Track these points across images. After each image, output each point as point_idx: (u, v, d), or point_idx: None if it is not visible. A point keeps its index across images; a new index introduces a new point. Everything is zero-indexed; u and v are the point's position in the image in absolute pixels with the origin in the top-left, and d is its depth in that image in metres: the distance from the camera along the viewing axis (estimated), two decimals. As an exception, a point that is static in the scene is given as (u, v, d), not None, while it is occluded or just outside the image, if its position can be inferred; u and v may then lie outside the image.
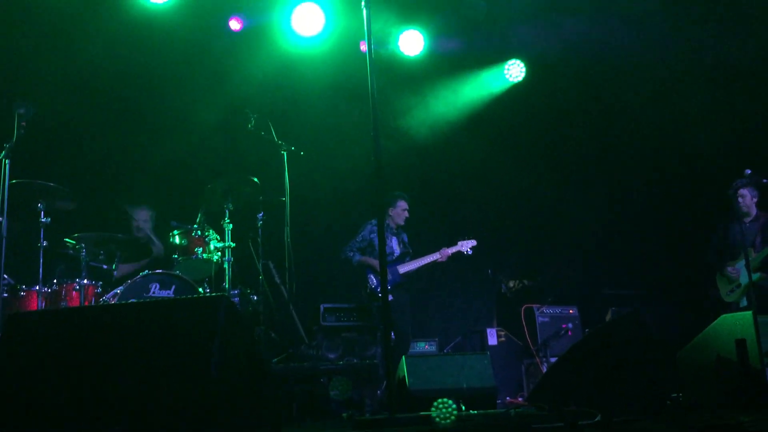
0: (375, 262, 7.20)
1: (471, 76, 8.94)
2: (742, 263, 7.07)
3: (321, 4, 7.72)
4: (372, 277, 7.24)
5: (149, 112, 7.83)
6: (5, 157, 5.50)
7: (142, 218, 7.18)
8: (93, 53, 7.15)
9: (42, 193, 5.88)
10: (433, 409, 3.60)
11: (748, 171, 6.70)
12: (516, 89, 8.98)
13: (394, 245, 7.53)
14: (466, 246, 7.62)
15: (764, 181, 6.82)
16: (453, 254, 7.57)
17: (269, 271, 7.04)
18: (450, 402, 3.56)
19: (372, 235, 7.32)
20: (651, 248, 8.69)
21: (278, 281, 7.14)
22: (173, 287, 6.23)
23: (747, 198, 7.25)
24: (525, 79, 8.94)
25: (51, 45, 7.15)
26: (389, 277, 7.24)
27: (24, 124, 5.60)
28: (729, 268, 7.24)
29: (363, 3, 4.55)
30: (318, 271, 8.00)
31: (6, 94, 6.52)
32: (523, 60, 8.92)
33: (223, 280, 6.49)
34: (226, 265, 6.48)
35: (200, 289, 6.41)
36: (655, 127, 8.59)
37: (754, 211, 7.29)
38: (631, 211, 8.88)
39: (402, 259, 7.51)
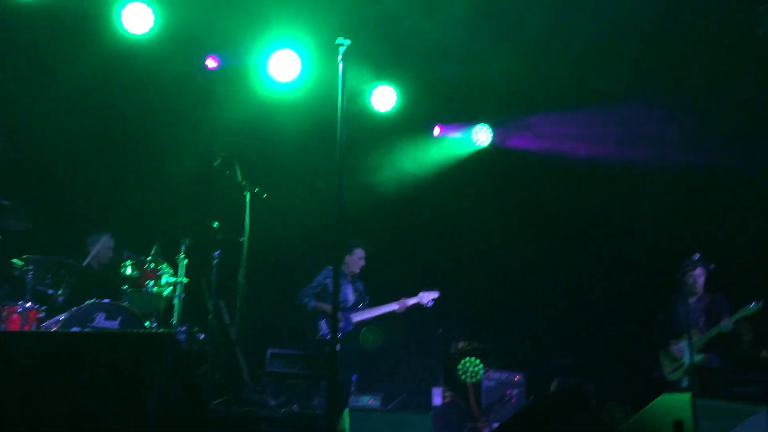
0: (329, 308, 7.17)
1: (439, 137, 9.12)
2: (685, 343, 7.13)
3: (298, 51, 7.83)
4: (323, 323, 7.17)
5: (117, 141, 7.79)
6: (-39, 171, 5.42)
7: (105, 246, 7.07)
8: (66, 78, 7.15)
9: (-6, 211, 5.77)
10: (459, 367, 3.57)
11: (698, 255, 6.96)
12: (482, 152, 9.17)
13: (349, 293, 7.49)
14: (427, 297, 7.50)
15: (712, 266, 7.08)
16: (412, 305, 7.48)
17: (220, 310, 6.95)
18: (476, 360, 3.55)
19: (327, 281, 7.29)
20: (602, 321, 8.82)
21: (228, 322, 7.04)
22: (119, 318, 6.09)
23: (698, 278, 7.43)
24: (491, 144, 9.13)
25: (25, 66, 7.13)
26: (342, 324, 7.21)
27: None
28: (673, 347, 7.35)
29: (339, 56, 4.64)
30: (270, 315, 7.92)
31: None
32: (490, 126, 9.13)
33: (172, 316, 6.39)
34: (176, 301, 6.40)
35: (147, 323, 6.29)
36: (609, 205, 8.85)
37: (700, 291, 7.46)
38: (585, 284, 9.01)
39: (356, 307, 7.48)
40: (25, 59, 7.18)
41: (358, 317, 7.37)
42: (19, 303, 5.93)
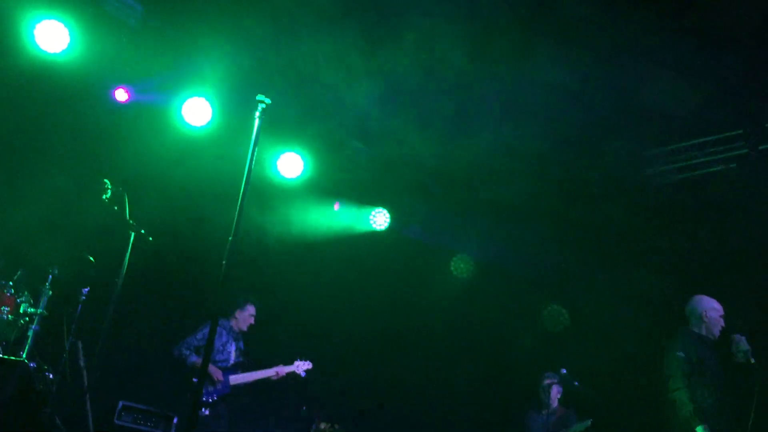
0: (213, 370, 6.88)
1: (340, 211, 9.18)
2: None
3: (210, 99, 7.75)
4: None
5: (7, 156, 7.35)
6: None
7: None
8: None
9: None
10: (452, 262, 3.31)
11: (564, 370, 7.29)
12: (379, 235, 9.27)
13: (232, 352, 7.18)
14: (301, 367, 7.39)
15: (575, 383, 7.40)
16: (288, 374, 7.31)
17: (76, 351, 6.49)
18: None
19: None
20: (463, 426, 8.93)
21: (82, 364, 6.57)
22: (-39, 345, 5.60)
23: (554, 392, 7.71)
24: (388, 228, 9.26)
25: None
26: (219, 387, 6.89)
27: None
28: None
29: (257, 113, 4.62)
30: (131, 364, 7.47)
31: None
32: (390, 211, 9.28)
33: (22, 349, 5.92)
34: (30, 333, 5.95)
35: (-8, 352, 5.79)
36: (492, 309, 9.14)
37: (555, 404, 7.74)
38: (454, 382, 9.10)
39: (236, 368, 7.15)
40: None
41: (235, 380, 7.06)
42: None
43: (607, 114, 7.49)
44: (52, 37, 7.00)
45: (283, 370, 7.31)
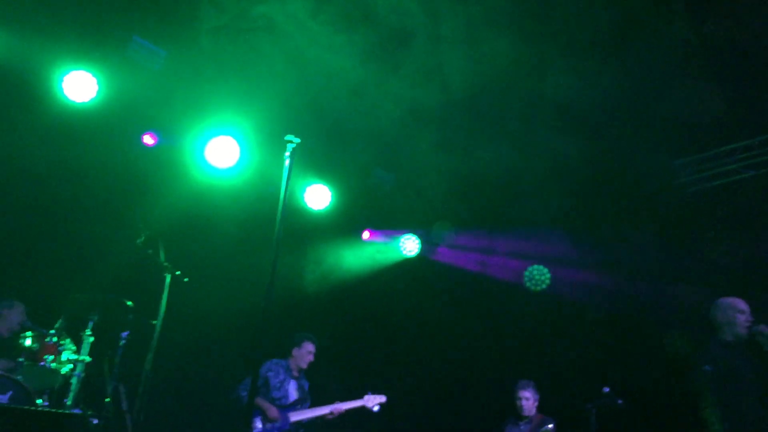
0: (267, 406, 6.91)
1: (369, 241, 9.20)
2: None
3: (238, 139, 7.85)
4: (258, 420, 6.82)
5: (41, 207, 7.50)
6: None
7: (18, 313, 6.67)
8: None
9: None
10: (526, 273, 3.41)
11: (607, 389, 7.15)
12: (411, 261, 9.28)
13: (291, 390, 7.16)
14: (373, 401, 7.23)
15: (619, 402, 7.27)
16: (351, 409, 7.16)
17: (119, 395, 6.54)
18: (544, 269, 3.41)
19: (269, 374, 7.02)
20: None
21: (126, 408, 6.62)
22: (9, 393, 5.67)
23: (530, 401, 7.60)
24: (419, 254, 9.27)
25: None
26: (278, 424, 6.90)
27: None
28: None
29: (287, 153, 4.67)
30: (173, 406, 7.51)
31: None
32: (418, 237, 9.29)
33: (67, 396, 5.98)
34: (74, 380, 6.01)
35: (39, 401, 5.86)
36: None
37: (532, 413, 7.62)
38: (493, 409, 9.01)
39: (296, 405, 7.13)
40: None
41: (296, 416, 7.03)
42: None
43: (633, 125, 7.47)
44: (80, 87, 7.16)
45: (341, 407, 7.15)
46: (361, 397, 7.30)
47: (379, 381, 8.57)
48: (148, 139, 7.77)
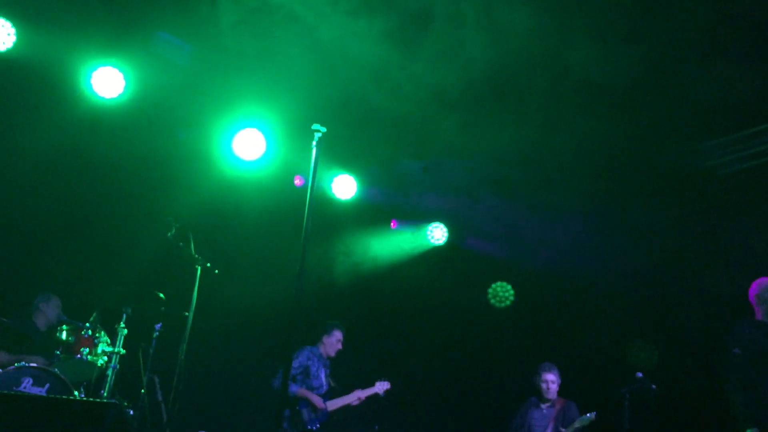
0: (312, 397, 7.00)
1: (397, 230, 9.22)
2: None
3: (263, 131, 7.90)
4: (305, 411, 6.94)
5: (73, 202, 7.62)
6: None
7: (55, 306, 6.82)
8: (28, 136, 7.05)
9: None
10: (490, 291, 3.45)
11: (640, 374, 7.12)
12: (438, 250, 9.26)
13: (323, 377, 7.29)
14: (381, 388, 7.48)
15: (653, 386, 7.22)
16: (369, 397, 7.39)
17: (154, 386, 6.67)
18: (507, 285, 3.45)
19: (309, 362, 7.12)
20: None
21: (161, 399, 6.74)
22: (47, 385, 5.80)
23: (555, 384, 7.61)
24: (447, 242, 9.25)
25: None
26: (320, 414, 7.01)
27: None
28: None
29: (314, 142, 4.68)
30: (208, 396, 7.61)
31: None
32: (446, 225, 9.27)
33: (103, 387, 6.09)
34: (109, 372, 6.12)
35: (76, 393, 5.98)
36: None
37: (555, 396, 7.62)
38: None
39: (329, 395, 7.26)
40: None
41: (332, 406, 7.18)
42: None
43: (661, 106, 7.35)
44: (108, 83, 7.25)
45: (362, 394, 7.37)
46: (372, 385, 7.54)
47: (408, 369, 8.65)
48: (178, 133, 7.85)
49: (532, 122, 7.58)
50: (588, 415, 7.20)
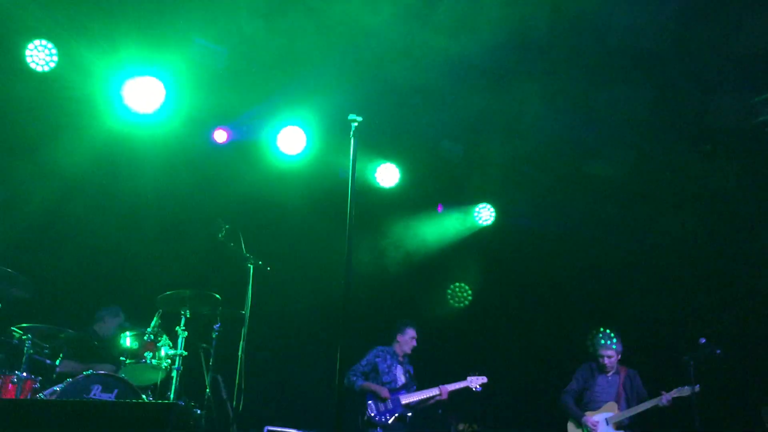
0: (378, 388, 7.18)
1: (443, 214, 9.18)
2: (603, 415, 7.34)
3: (304, 126, 7.98)
4: (372, 404, 7.12)
5: (124, 211, 7.84)
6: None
7: (117, 317, 7.07)
8: (78, 154, 7.26)
9: (-3, 278, 5.74)
10: (449, 291, 3.49)
11: (703, 340, 6.98)
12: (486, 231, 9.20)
13: (399, 374, 7.47)
14: (475, 382, 7.51)
15: (718, 351, 7.09)
16: (457, 390, 7.46)
17: (217, 385, 6.81)
18: (465, 286, 3.49)
19: (377, 359, 7.33)
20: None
21: (225, 397, 6.89)
22: (116, 391, 5.98)
23: (613, 354, 7.54)
24: (495, 223, 9.19)
25: (34, 138, 7.25)
26: (390, 406, 7.13)
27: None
28: (588, 418, 7.36)
29: (351, 132, 4.71)
30: (269, 391, 7.77)
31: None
32: (493, 205, 9.21)
33: (169, 389, 6.26)
34: (174, 374, 6.28)
35: (143, 396, 6.16)
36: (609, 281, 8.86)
37: (615, 366, 7.58)
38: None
39: (406, 389, 7.42)
40: (33, 131, 7.30)
41: (406, 399, 7.30)
42: (15, 373, 5.82)
43: (708, 63, 7.13)
44: (150, 93, 7.42)
45: (448, 387, 7.44)
46: (464, 378, 7.56)
47: (475, 357, 8.64)
48: (219, 136, 8.00)
49: (570, 90, 7.44)
50: (686, 387, 7.05)
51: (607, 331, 7.63)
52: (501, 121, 8.05)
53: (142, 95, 7.38)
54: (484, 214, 9.19)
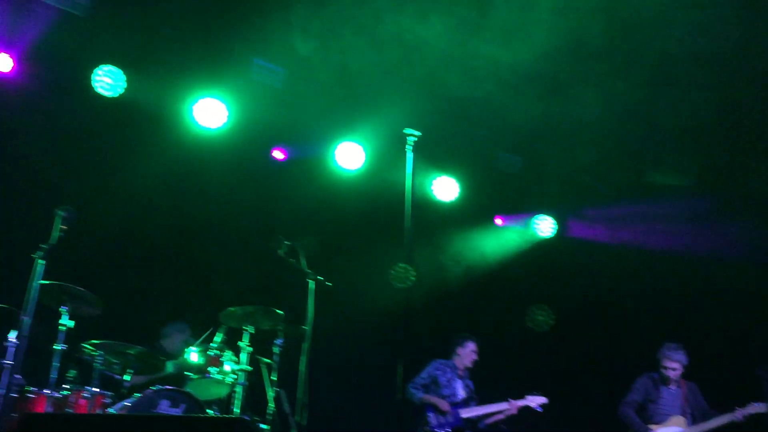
0: (437, 401, 7.19)
1: (502, 227, 9.12)
2: (671, 429, 7.14)
3: (362, 142, 8.06)
4: (432, 416, 7.12)
5: (183, 230, 8.02)
6: (41, 257, 5.55)
7: (178, 333, 7.25)
8: (144, 171, 7.50)
9: (70, 297, 5.91)
10: (392, 272, 3.48)
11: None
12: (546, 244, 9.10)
13: (459, 388, 7.45)
14: (534, 402, 7.43)
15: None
16: (521, 408, 7.40)
17: (280, 399, 6.88)
18: (409, 267, 3.47)
19: (437, 372, 7.33)
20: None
21: (288, 411, 6.95)
22: (183, 406, 6.08)
23: (677, 367, 7.33)
24: (555, 235, 9.08)
25: (100, 158, 7.52)
26: (450, 419, 7.12)
27: (64, 227, 5.68)
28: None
29: (408, 146, 4.72)
30: (331, 405, 7.80)
31: (52, 198, 6.76)
32: (553, 216, 9.10)
33: (234, 404, 6.35)
34: (238, 389, 6.37)
35: (209, 411, 6.26)
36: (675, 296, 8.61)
37: (678, 379, 7.38)
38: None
39: (465, 403, 7.37)
40: (100, 152, 7.57)
41: (467, 413, 7.26)
42: (86, 388, 5.98)
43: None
44: (211, 113, 7.66)
45: (516, 403, 7.39)
46: (523, 397, 7.46)
47: (535, 374, 8.51)
48: (278, 154, 8.16)
49: (629, 96, 7.28)
50: (761, 403, 6.85)
51: (673, 343, 7.43)
52: (559, 130, 7.95)
53: (206, 115, 7.62)
54: (544, 226, 9.08)
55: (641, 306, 8.90)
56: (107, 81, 7.35)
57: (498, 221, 9.21)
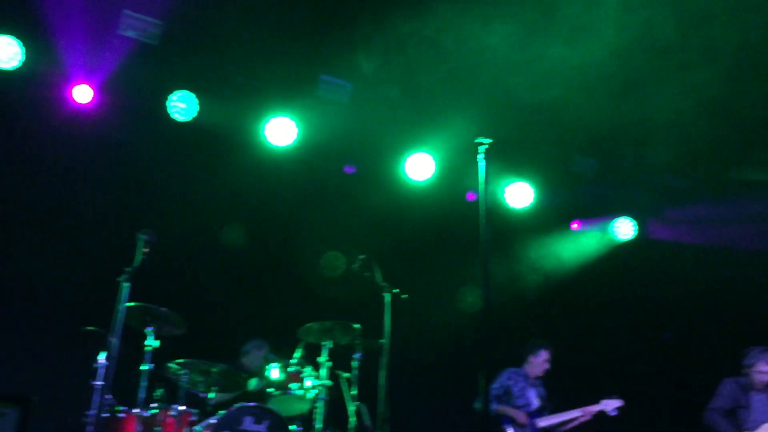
0: (514, 413, 7.07)
1: (579, 232, 8.91)
2: None
3: (432, 152, 8.03)
4: (510, 428, 6.99)
5: (260, 247, 8.16)
6: (126, 280, 5.72)
7: (257, 349, 7.38)
8: (219, 191, 7.69)
9: (154, 318, 6.07)
10: (322, 261, 3.38)
11: None
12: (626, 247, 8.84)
13: (532, 397, 7.29)
14: (610, 406, 7.22)
15: None
16: (596, 413, 7.20)
17: (361, 414, 6.87)
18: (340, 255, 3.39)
19: (510, 383, 7.19)
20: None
21: (369, 425, 6.94)
22: (266, 422, 6.14)
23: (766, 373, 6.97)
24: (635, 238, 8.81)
25: (179, 179, 7.73)
26: (527, 430, 7.01)
27: (147, 250, 5.85)
28: None
29: (481, 155, 4.65)
30: (412, 419, 7.75)
31: (135, 222, 6.98)
32: (632, 218, 8.83)
33: (315, 419, 6.38)
34: (319, 404, 6.39)
35: (293, 427, 6.30)
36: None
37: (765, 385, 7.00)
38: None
39: (540, 412, 7.23)
40: (177, 175, 7.80)
41: (543, 422, 7.11)
42: (173, 406, 6.12)
43: None
44: (282, 132, 7.79)
45: (591, 409, 7.20)
46: (597, 402, 7.25)
47: (616, 378, 8.25)
48: (348, 168, 8.23)
49: (707, 90, 6.99)
50: None
51: (764, 347, 7.07)
52: (634, 130, 7.72)
53: (277, 133, 7.76)
54: (624, 229, 8.81)
55: (727, 308, 8.51)
56: (181, 106, 7.59)
57: (574, 226, 8.99)
